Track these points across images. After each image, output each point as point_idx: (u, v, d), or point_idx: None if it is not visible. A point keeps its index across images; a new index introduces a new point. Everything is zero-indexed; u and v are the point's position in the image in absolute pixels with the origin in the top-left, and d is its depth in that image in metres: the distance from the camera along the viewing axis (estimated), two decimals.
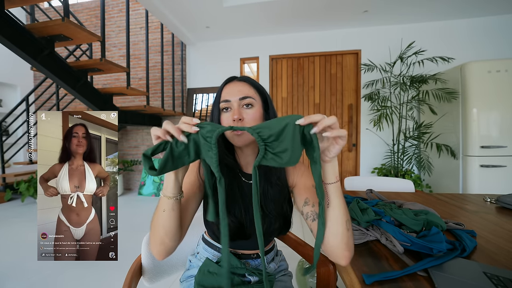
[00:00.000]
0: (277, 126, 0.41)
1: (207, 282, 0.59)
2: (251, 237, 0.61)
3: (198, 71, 3.49)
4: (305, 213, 0.56)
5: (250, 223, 0.59)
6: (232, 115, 0.57)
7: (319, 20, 2.81)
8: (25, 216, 2.57)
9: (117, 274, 1.47)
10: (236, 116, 0.56)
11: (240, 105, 0.58)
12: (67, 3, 1.87)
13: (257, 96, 0.60)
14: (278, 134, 0.40)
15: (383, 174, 2.71)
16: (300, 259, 1.33)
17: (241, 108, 0.58)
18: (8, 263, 1.62)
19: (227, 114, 0.58)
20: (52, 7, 2.95)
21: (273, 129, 0.41)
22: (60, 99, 3.35)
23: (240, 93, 0.58)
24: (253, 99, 0.58)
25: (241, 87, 0.59)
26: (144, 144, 3.71)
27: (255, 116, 0.58)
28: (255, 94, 0.60)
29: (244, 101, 0.58)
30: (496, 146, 2.04)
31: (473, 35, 2.74)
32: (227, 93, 0.59)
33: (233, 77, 0.63)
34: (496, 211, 0.87)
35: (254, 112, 0.58)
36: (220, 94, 0.60)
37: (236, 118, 0.56)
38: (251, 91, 0.60)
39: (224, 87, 0.61)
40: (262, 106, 0.61)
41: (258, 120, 0.59)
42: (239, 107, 0.58)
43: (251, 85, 0.61)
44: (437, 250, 0.52)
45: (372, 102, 2.74)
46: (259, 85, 0.62)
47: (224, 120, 0.59)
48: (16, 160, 3.80)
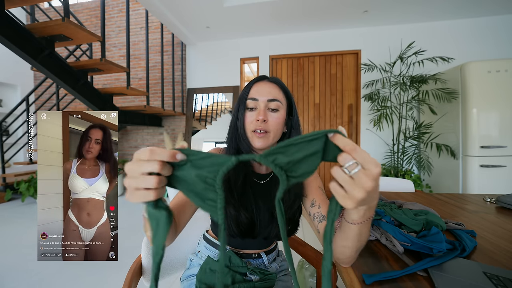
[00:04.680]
0: (299, 152, 0.30)
1: (208, 279, 0.59)
2: (258, 237, 0.61)
3: (198, 71, 3.49)
4: (312, 214, 0.57)
5: (260, 224, 0.59)
6: (257, 115, 0.57)
7: (319, 20, 2.81)
8: (25, 216, 2.57)
9: (117, 274, 1.47)
10: (261, 117, 0.55)
11: (267, 106, 0.57)
12: (67, 3, 1.87)
13: (284, 100, 0.60)
14: (299, 160, 0.31)
15: (383, 174, 2.71)
16: (300, 259, 1.33)
17: (267, 110, 0.57)
18: (8, 263, 1.62)
19: (251, 113, 0.58)
20: (52, 7, 2.95)
21: (293, 156, 0.30)
22: (60, 99, 3.35)
23: (269, 94, 0.58)
24: (280, 102, 0.58)
25: (271, 89, 0.59)
26: (144, 144, 3.71)
27: (279, 121, 0.58)
28: (282, 98, 0.59)
29: (271, 104, 0.57)
30: (496, 146, 2.04)
31: (473, 35, 2.74)
32: (256, 91, 0.59)
33: (263, 76, 0.62)
34: (496, 211, 0.87)
35: (278, 117, 0.58)
36: (248, 91, 0.60)
37: (261, 119, 0.56)
38: (280, 94, 0.59)
39: (253, 84, 0.60)
40: (286, 111, 0.61)
41: (281, 125, 0.59)
42: (265, 109, 0.57)
43: (281, 88, 0.60)
44: (437, 250, 0.52)
45: (372, 102, 2.74)
46: (287, 89, 0.62)
47: (248, 118, 0.58)
48: (16, 160, 3.80)
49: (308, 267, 1.24)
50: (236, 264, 0.62)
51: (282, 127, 0.60)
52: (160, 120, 3.57)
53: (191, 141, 3.45)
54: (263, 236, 0.63)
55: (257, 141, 0.57)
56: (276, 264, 0.70)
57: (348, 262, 0.49)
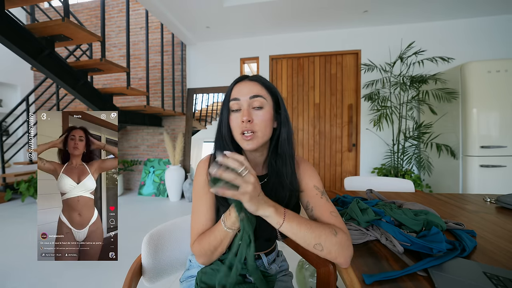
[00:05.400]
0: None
1: (209, 279, 0.59)
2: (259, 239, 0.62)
3: (198, 71, 3.49)
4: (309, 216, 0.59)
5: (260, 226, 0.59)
6: (241, 116, 0.56)
7: (319, 20, 2.81)
8: (25, 216, 2.57)
9: (117, 274, 1.47)
10: (245, 118, 0.54)
11: (250, 105, 0.57)
12: (67, 3, 1.87)
13: (268, 96, 0.59)
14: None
15: (383, 174, 2.71)
16: (300, 259, 1.33)
17: (251, 109, 0.56)
18: (8, 263, 1.62)
19: (236, 115, 0.57)
20: (52, 7, 2.95)
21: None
22: (60, 99, 3.35)
23: (251, 92, 0.57)
24: (264, 98, 0.57)
25: (252, 86, 0.58)
26: (144, 144, 3.71)
27: (265, 117, 0.57)
28: (266, 94, 0.58)
29: (254, 100, 0.56)
30: (496, 146, 2.04)
31: (473, 35, 2.74)
32: (237, 91, 0.58)
33: (244, 76, 0.61)
34: (496, 211, 0.87)
35: (264, 114, 0.57)
36: (230, 92, 0.59)
37: (245, 120, 0.54)
38: (262, 90, 0.58)
39: (234, 86, 0.60)
40: (273, 107, 0.60)
41: (268, 122, 0.58)
42: (249, 108, 0.56)
43: (262, 85, 0.59)
44: (437, 250, 0.52)
45: (372, 102, 2.74)
46: (270, 85, 0.61)
47: (234, 121, 0.58)
48: (16, 160, 3.80)
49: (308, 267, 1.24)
50: None
51: (270, 124, 0.59)
52: (160, 120, 3.57)
53: (191, 141, 3.45)
54: (265, 238, 0.63)
55: (247, 144, 0.56)
56: (276, 265, 0.70)
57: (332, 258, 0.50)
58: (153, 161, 3.61)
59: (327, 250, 0.49)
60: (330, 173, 3.15)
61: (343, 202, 0.90)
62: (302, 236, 0.49)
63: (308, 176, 0.62)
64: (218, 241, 0.54)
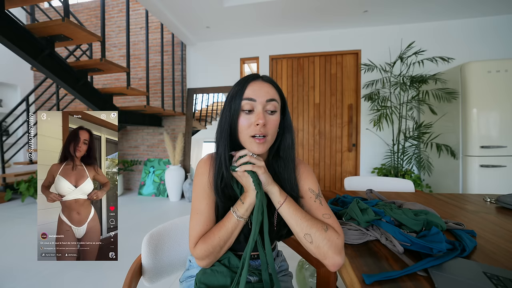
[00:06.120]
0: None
1: (208, 280, 0.59)
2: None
3: (198, 71, 3.49)
4: None
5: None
6: (256, 118, 0.53)
7: (319, 20, 2.81)
8: (25, 216, 2.57)
9: (117, 274, 1.47)
10: (261, 121, 0.52)
11: (264, 108, 0.54)
12: (67, 3, 1.87)
13: (279, 100, 0.58)
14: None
15: (383, 174, 2.71)
16: (300, 259, 1.33)
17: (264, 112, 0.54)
18: (8, 263, 1.62)
19: (248, 116, 0.54)
20: (52, 7, 2.95)
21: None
22: (60, 99, 3.36)
23: (267, 94, 0.54)
24: (277, 102, 0.56)
25: (268, 89, 0.56)
26: (144, 144, 3.71)
27: (276, 122, 0.56)
28: (278, 98, 0.57)
29: (269, 105, 0.54)
30: (496, 146, 2.04)
31: (473, 35, 2.74)
32: (253, 91, 0.54)
33: (257, 75, 0.58)
34: (496, 211, 0.87)
35: (276, 119, 0.56)
36: (243, 91, 0.55)
37: (261, 123, 0.52)
38: (276, 94, 0.57)
39: (249, 84, 0.56)
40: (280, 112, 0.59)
41: (277, 127, 0.57)
42: (263, 111, 0.54)
43: (276, 88, 0.58)
44: (437, 250, 0.52)
45: (372, 102, 2.74)
46: (280, 89, 0.60)
47: (244, 121, 0.55)
48: (16, 160, 3.80)
49: (308, 267, 1.24)
50: (235, 265, 0.61)
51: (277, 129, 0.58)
52: (160, 120, 3.58)
53: (191, 141, 3.45)
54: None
55: (257, 147, 0.54)
56: (275, 265, 0.70)
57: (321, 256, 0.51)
58: (153, 161, 3.61)
59: (316, 244, 0.51)
60: (330, 173, 3.15)
61: (343, 202, 0.90)
62: (295, 221, 0.53)
63: (304, 178, 0.62)
64: (229, 232, 0.55)
